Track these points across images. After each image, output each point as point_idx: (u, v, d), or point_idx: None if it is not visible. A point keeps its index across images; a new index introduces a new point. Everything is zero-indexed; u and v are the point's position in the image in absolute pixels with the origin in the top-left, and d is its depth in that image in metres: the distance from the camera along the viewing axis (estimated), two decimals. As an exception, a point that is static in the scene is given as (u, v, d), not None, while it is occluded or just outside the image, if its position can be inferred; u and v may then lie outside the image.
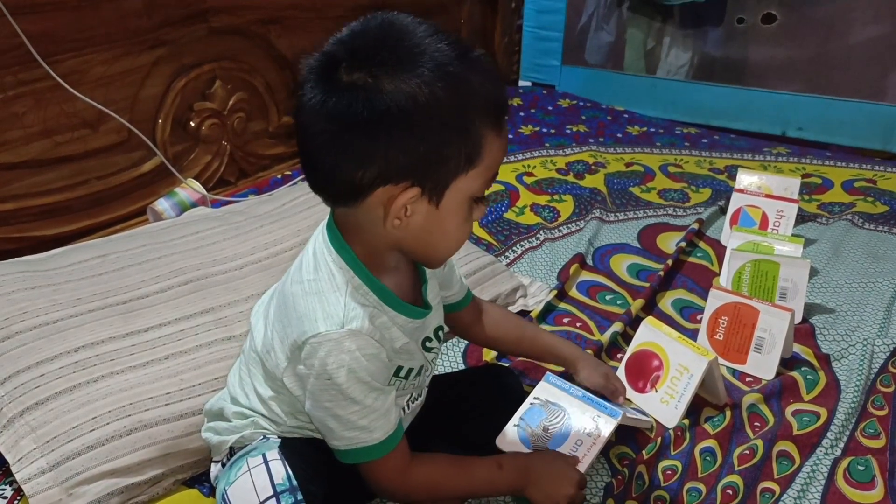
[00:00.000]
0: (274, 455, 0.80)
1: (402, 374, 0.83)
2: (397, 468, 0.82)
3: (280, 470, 0.79)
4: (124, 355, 1.05)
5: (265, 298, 0.89)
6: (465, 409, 1.00)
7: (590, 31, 2.56)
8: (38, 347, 1.03)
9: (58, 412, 0.96)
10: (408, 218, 0.71)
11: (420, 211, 0.72)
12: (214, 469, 0.90)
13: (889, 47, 2.09)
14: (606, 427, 0.95)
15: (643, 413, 1.09)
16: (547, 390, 1.01)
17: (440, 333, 0.89)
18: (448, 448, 0.93)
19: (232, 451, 0.87)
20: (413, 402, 0.91)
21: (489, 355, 1.22)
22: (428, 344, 0.86)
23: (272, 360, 0.81)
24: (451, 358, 1.22)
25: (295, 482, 0.78)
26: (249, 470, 0.80)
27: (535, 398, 1.00)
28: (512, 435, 0.97)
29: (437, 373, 1.15)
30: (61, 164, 1.48)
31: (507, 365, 1.17)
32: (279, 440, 0.84)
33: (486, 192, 0.75)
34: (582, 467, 0.93)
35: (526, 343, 1.07)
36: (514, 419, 0.98)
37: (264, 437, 0.85)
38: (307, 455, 0.83)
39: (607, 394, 1.05)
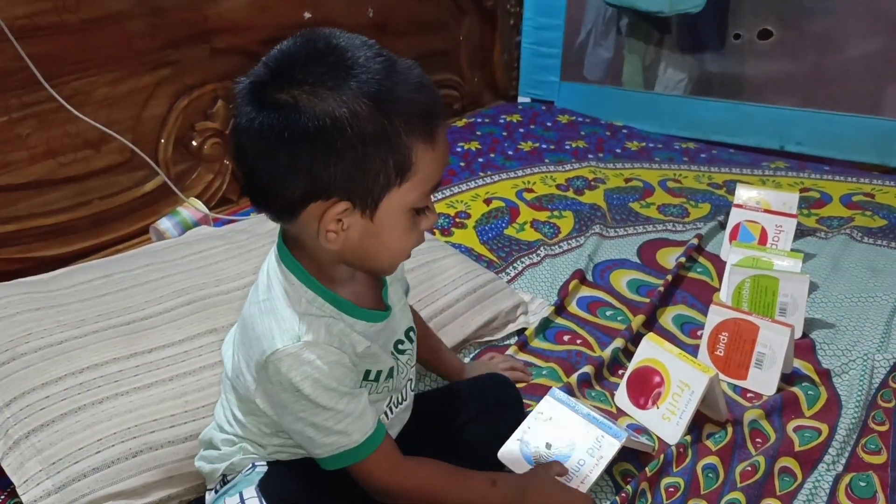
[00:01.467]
0: (251, 493, 0.82)
1: (372, 377, 0.84)
2: (386, 467, 0.83)
3: None
4: (129, 376, 1.06)
5: (234, 328, 0.91)
6: (464, 419, 1.00)
7: (588, 47, 2.58)
8: (43, 369, 1.04)
9: (63, 434, 0.97)
10: (344, 231, 0.73)
11: (355, 224, 0.73)
12: (209, 497, 0.91)
13: (886, 62, 2.11)
14: (610, 448, 0.95)
15: (645, 431, 1.10)
16: (551, 405, 1.01)
17: (411, 335, 0.90)
18: (446, 459, 0.93)
19: (224, 479, 0.88)
20: (396, 407, 0.91)
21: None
22: (400, 346, 0.88)
23: (242, 384, 0.82)
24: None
25: None
26: None
27: (538, 413, 1.00)
28: (514, 450, 0.97)
29: (436, 385, 1.16)
30: (64, 184, 1.50)
31: (505, 376, 1.17)
32: (266, 467, 0.85)
33: (431, 202, 0.77)
34: (584, 487, 0.93)
35: (440, 368, 1.13)
36: (517, 433, 0.99)
37: (252, 464, 0.86)
38: (298, 478, 0.84)
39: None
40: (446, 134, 0.75)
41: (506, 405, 1.05)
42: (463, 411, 1.00)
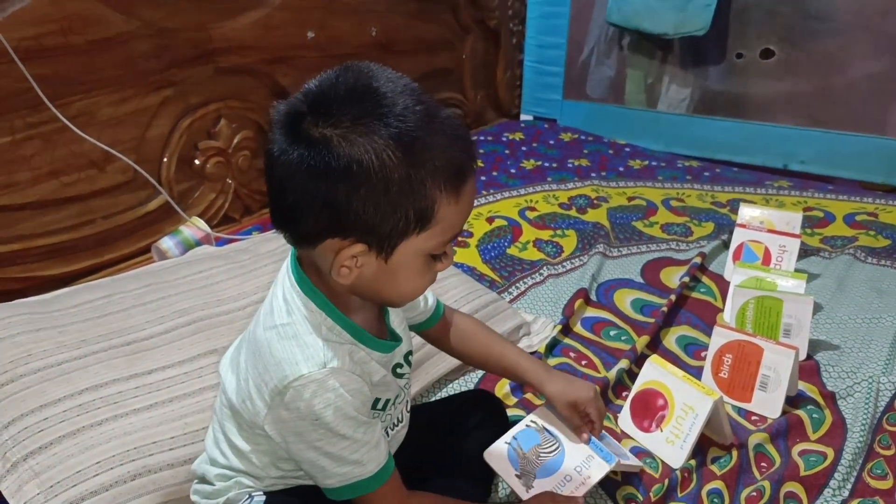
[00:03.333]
0: None
1: (380, 406, 0.84)
2: (394, 500, 0.82)
3: None
4: (128, 398, 1.05)
5: (231, 350, 0.90)
6: (459, 432, 0.99)
7: (591, 65, 2.59)
8: (42, 390, 1.03)
9: (62, 456, 0.96)
10: (358, 269, 0.73)
11: (370, 264, 0.73)
12: None
13: (889, 81, 2.11)
14: (598, 471, 0.93)
15: (649, 455, 1.08)
16: (545, 416, 0.99)
17: (409, 358, 0.90)
18: (441, 470, 0.93)
19: None
20: (393, 430, 0.91)
21: (502, 390, 1.22)
22: (399, 370, 0.87)
23: (250, 410, 0.81)
24: (464, 386, 1.23)
25: None
26: None
27: (532, 421, 0.98)
28: (501, 452, 0.96)
29: (426, 400, 1.15)
30: (68, 204, 1.50)
31: (492, 393, 1.15)
32: (263, 496, 0.84)
33: (451, 247, 0.76)
34: None
35: (493, 361, 1.02)
36: (507, 437, 0.97)
37: (249, 496, 0.85)
38: None
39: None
40: (475, 185, 0.75)
41: (494, 417, 1.04)
42: (457, 424, 1.00)
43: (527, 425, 0.98)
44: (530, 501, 0.92)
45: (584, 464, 0.94)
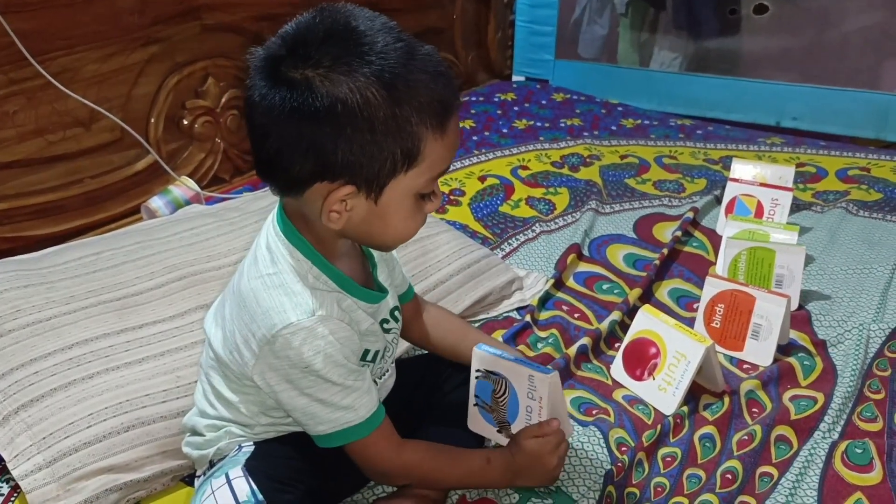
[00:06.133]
0: (237, 472, 0.81)
1: (369, 357, 0.84)
2: (387, 446, 0.83)
3: (243, 487, 0.80)
4: (119, 352, 1.05)
5: (215, 305, 0.89)
6: (449, 385, 0.99)
7: (583, 24, 2.56)
8: (32, 345, 1.03)
9: (53, 409, 0.96)
10: (348, 212, 0.73)
11: (359, 206, 0.73)
12: (198, 482, 0.90)
13: (882, 35, 2.10)
14: (543, 386, 0.89)
15: (641, 402, 1.09)
16: (483, 359, 0.94)
17: (396, 314, 0.90)
18: (432, 422, 0.94)
19: (212, 464, 0.87)
20: (380, 379, 0.91)
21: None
22: (385, 325, 0.87)
23: (237, 361, 0.80)
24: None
25: (260, 496, 0.79)
26: (213, 492, 0.81)
27: (476, 371, 0.94)
28: (476, 416, 0.94)
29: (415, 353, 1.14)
30: (54, 163, 1.48)
31: None
32: (252, 447, 0.84)
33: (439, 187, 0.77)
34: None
35: (463, 349, 0.97)
36: (471, 398, 0.95)
37: (239, 446, 0.85)
38: (286, 456, 0.83)
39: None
40: (458, 121, 0.75)
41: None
42: (446, 378, 0.99)
43: (475, 378, 0.94)
44: (518, 448, 0.90)
45: (531, 386, 0.90)
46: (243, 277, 0.80)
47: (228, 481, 0.81)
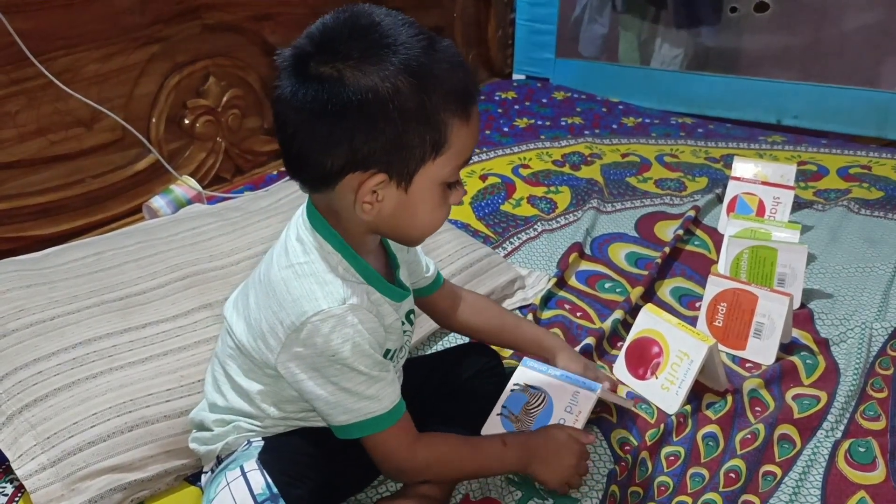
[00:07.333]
0: (252, 465, 0.81)
1: (389, 356, 0.84)
2: (405, 441, 0.83)
3: (259, 480, 0.80)
4: (123, 351, 1.05)
5: (235, 294, 0.90)
6: (449, 389, 1.00)
7: (583, 23, 2.56)
8: (35, 345, 1.03)
9: (57, 409, 0.96)
10: (379, 203, 0.75)
11: (390, 196, 0.75)
12: (205, 478, 0.90)
13: (883, 34, 2.10)
14: (586, 402, 0.93)
15: (643, 402, 1.09)
16: (526, 374, 0.99)
17: (411, 317, 0.91)
18: (443, 413, 0.94)
19: (219, 460, 0.87)
20: None
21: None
22: (402, 326, 0.88)
23: (262, 349, 0.81)
24: (460, 340, 1.22)
25: (275, 489, 0.79)
26: (228, 484, 0.81)
27: (514, 384, 0.98)
28: (495, 423, 0.96)
29: (421, 353, 1.15)
30: (56, 163, 1.48)
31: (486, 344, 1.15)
32: (262, 442, 0.84)
33: (461, 177, 0.79)
34: None
35: (507, 333, 1.06)
36: (497, 408, 0.97)
37: (248, 441, 0.85)
38: (294, 451, 0.83)
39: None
40: (478, 111, 0.77)
41: (488, 372, 1.04)
42: (453, 374, 1.00)
43: (511, 390, 0.98)
44: (541, 431, 0.92)
45: (572, 401, 0.94)
46: (272, 267, 0.81)
47: (244, 473, 0.81)
